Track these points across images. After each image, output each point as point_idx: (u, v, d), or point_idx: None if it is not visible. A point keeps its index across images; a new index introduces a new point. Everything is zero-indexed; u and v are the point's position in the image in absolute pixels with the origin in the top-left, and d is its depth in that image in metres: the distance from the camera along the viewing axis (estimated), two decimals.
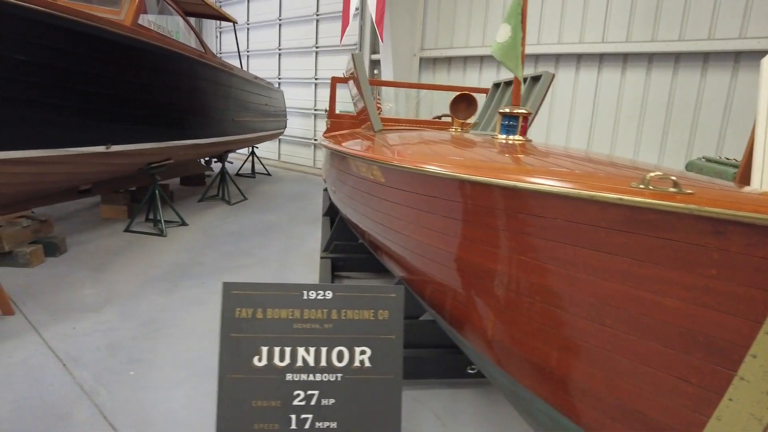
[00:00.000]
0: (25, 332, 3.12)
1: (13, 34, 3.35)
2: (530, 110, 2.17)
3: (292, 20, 11.90)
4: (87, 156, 4.25)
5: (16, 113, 3.56)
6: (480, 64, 8.91)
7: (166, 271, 4.36)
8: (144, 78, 4.61)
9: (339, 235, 4.38)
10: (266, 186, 9.29)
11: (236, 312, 1.79)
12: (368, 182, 2.19)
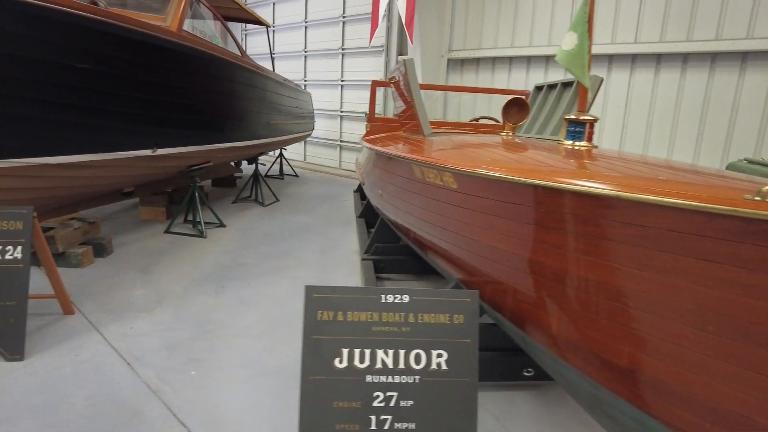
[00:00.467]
0: (86, 331, 3.22)
1: (72, 43, 3.46)
2: (597, 116, 2.18)
3: (318, 22, 11.99)
4: (135, 159, 4.36)
5: (72, 119, 3.67)
6: (509, 65, 8.89)
7: (211, 272, 4.45)
8: (188, 82, 4.71)
9: (380, 237, 4.43)
10: (295, 187, 9.39)
11: (318, 314, 1.83)
12: (433, 187, 2.23)
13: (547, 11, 8.18)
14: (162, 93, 4.38)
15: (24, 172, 3.50)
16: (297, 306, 3.77)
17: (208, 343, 3.16)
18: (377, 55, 10.75)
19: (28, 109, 3.37)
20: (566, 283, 1.66)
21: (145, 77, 4.12)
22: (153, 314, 3.52)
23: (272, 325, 3.45)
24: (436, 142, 3.05)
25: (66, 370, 2.76)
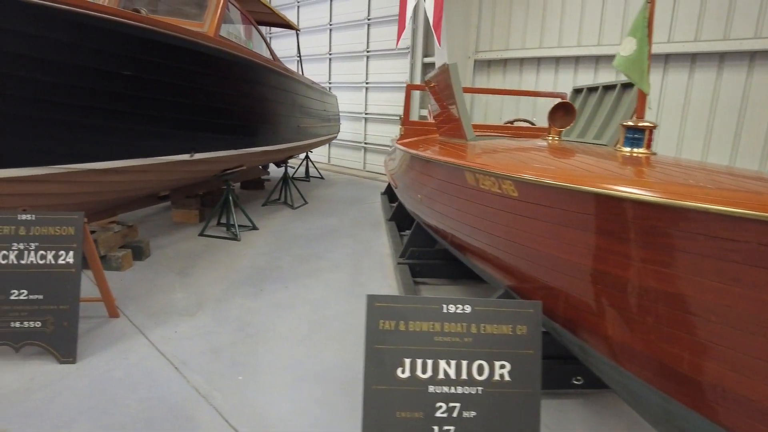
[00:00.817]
0: (132, 334, 3.27)
1: (116, 50, 3.52)
2: (656, 123, 2.13)
3: (342, 25, 12.03)
4: (173, 164, 4.41)
5: (115, 125, 3.73)
6: (537, 66, 8.81)
7: (248, 275, 4.48)
8: (224, 87, 4.76)
9: (415, 241, 4.41)
10: (322, 190, 9.42)
11: (380, 324, 1.83)
12: (489, 195, 2.21)
13: (576, 11, 8.08)
14: (200, 98, 4.43)
15: (71, 177, 3.58)
16: (334, 310, 3.79)
17: (250, 347, 3.18)
18: (402, 57, 10.74)
19: (75, 116, 3.44)
20: (634, 292, 1.63)
21: (184, 83, 4.17)
22: (195, 318, 3.56)
23: (312, 329, 3.46)
24: (481, 146, 3.03)
25: (117, 373, 2.80)
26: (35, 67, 3.12)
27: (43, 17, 3.02)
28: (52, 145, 3.39)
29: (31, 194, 3.43)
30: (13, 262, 2.94)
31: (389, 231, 5.87)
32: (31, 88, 3.15)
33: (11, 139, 3.18)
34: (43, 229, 2.98)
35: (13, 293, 2.90)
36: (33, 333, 2.89)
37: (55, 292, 2.93)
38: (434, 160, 2.75)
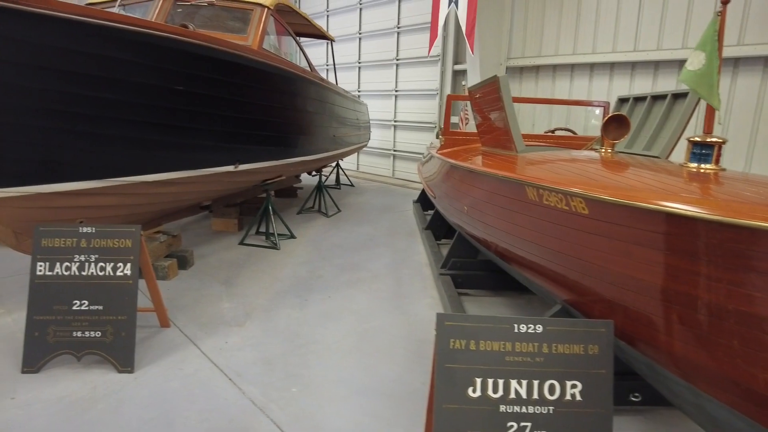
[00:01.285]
0: (185, 345, 3.32)
1: (167, 65, 3.60)
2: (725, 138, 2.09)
3: (372, 34, 12.10)
4: (219, 175, 4.49)
5: (166, 138, 3.82)
6: (570, 72, 8.72)
7: (291, 284, 4.52)
8: (267, 99, 4.83)
9: (457, 251, 4.40)
10: (353, 197, 9.47)
11: (450, 343, 1.82)
12: (554, 211, 2.19)
13: (611, 17, 7.98)
14: (244, 111, 4.50)
15: (125, 190, 3.67)
16: (380, 321, 3.79)
17: (301, 358, 3.20)
18: (432, 65, 10.75)
19: (130, 131, 3.53)
20: (716, 314, 1.60)
21: (230, 96, 4.25)
22: (243, 328, 3.61)
23: (360, 341, 3.47)
24: (533, 159, 3.01)
25: (174, 384, 2.86)
26: (93, 85, 3.22)
27: (102, 36, 3.11)
28: (107, 159, 3.48)
29: (88, 207, 3.53)
30: (74, 274, 3.02)
31: (425, 240, 5.86)
32: (89, 105, 3.25)
33: (70, 154, 3.28)
34: (102, 241, 3.06)
35: (75, 303, 2.99)
36: (93, 342, 2.97)
37: (113, 303, 3.00)
38: (490, 173, 2.74)
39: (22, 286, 4.29)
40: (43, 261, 3.02)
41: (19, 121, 2.96)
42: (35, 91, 2.97)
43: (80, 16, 2.96)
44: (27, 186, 3.11)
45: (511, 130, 3.23)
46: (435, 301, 4.22)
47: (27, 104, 2.96)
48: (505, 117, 3.21)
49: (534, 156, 3.09)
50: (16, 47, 2.80)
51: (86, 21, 3.01)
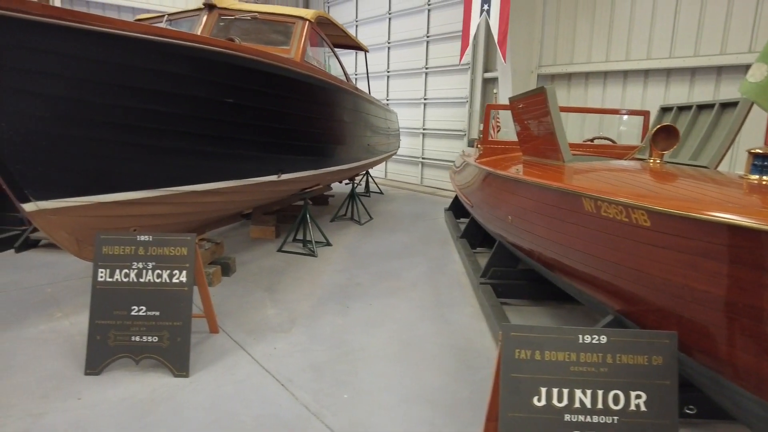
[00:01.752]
0: (234, 350, 3.41)
1: (216, 78, 3.72)
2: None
3: (401, 43, 12.20)
4: (263, 184, 4.61)
5: (215, 149, 3.94)
6: (603, 80, 8.66)
7: (331, 291, 4.59)
8: (308, 110, 4.93)
9: (497, 261, 4.41)
10: (383, 205, 9.53)
11: (516, 353, 1.85)
12: (612, 222, 2.21)
13: (646, 23, 7.91)
14: (287, 121, 4.61)
15: (175, 199, 3.79)
16: (423, 330, 3.82)
17: (349, 365, 3.25)
18: (461, 73, 10.80)
19: (181, 142, 3.65)
20: None
21: (274, 107, 4.36)
22: (290, 334, 3.68)
23: (405, 349, 3.50)
24: (582, 169, 3.02)
25: (227, 388, 2.94)
26: (148, 99, 3.35)
27: (156, 51, 3.23)
28: (160, 169, 3.61)
29: (141, 215, 3.66)
30: (133, 280, 3.14)
31: (461, 248, 5.87)
32: (144, 118, 3.38)
33: (127, 165, 3.42)
34: (159, 249, 3.18)
35: (134, 309, 3.11)
36: (151, 347, 3.07)
37: (169, 309, 3.11)
38: (543, 184, 2.77)
39: (75, 290, 4.46)
40: (104, 268, 3.15)
41: (83, 134, 3.10)
42: (96, 106, 3.11)
43: (137, 32, 3.09)
44: (90, 196, 3.25)
45: (558, 141, 3.24)
46: (476, 310, 4.24)
47: (90, 118, 3.10)
48: (552, 127, 3.23)
49: (583, 166, 3.10)
50: (76, 64, 2.93)
51: (142, 37, 3.14)
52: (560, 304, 4.37)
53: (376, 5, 12.84)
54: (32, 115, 2.82)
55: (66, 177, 3.11)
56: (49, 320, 3.82)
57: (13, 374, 3.04)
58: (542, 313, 4.20)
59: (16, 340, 3.49)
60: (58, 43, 2.78)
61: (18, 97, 2.74)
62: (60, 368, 3.12)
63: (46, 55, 2.76)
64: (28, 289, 4.51)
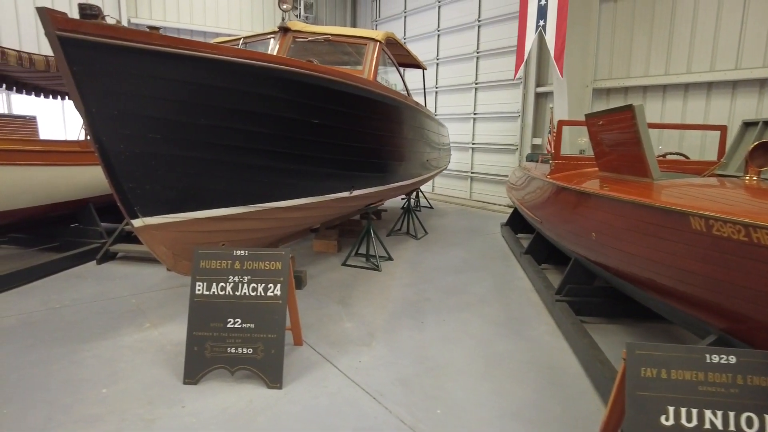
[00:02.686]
0: (321, 363, 3.49)
1: (303, 99, 3.86)
2: None
3: (450, 59, 12.30)
4: (336, 201, 4.73)
5: (297, 167, 4.08)
6: (663, 93, 8.50)
7: (402, 306, 4.65)
8: (379, 128, 5.04)
9: (572, 278, 4.38)
10: (435, 219, 9.56)
11: (641, 371, 1.85)
12: (722, 241, 2.19)
13: (709, 34, 7.74)
14: (360, 139, 4.73)
15: (261, 215, 3.94)
16: (502, 347, 3.82)
17: (436, 380, 3.28)
18: (511, 88, 10.80)
19: (267, 160, 3.80)
20: None
21: (351, 126, 4.48)
22: (371, 348, 3.74)
23: (489, 366, 3.51)
24: (676, 187, 2.99)
25: (322, 401, 3.01)
26: (241, 119, 3.51)
27: (245, 73, 3.37)
28: (249, 186, 3.77)
29: (230, 230, 3.82)
30: (229, 294, 3.27)
31: (525, 264, 5.84)
32: (237, 138, 3.54)
33: (220, 183, 3.58)
34: (254, 263, 3.31)
35: (230, 321, 3.23)
36: (246, 359, 3.19)
37: (264, 322, 3.22)
38: (644, 203, 2.75)
39: (157, 301, 4.67)
40: (202, 281, 3.30)
41: (184, 153, 3.28)
42: (198, 127, 3.28)
43: (229, 56, 3.25)
44: (187, 212, 3.42)
45: (647, 158, 3.23)
46: (551, 328, 4.21)
47: (191, 138, 3.28)
48: (640, 144, 3.22)
49: (676, 183, 3.07)
50: (182, 88, 3.12)
51: (242, 61, 3.30)
52: (637, 322, 4.30)
53: (425, 22, 13.01)
54: (144, 137, 3.01)
55: (168, 194, 3.29)
56: (139, 330, 4.01)
57: (119, 380, 3.20)
58: (620, 331, 4.13)
59: (115, 348, 3.68)
60: (168, 69, 2.97)
61: (134, 120, 2.93)
62: (160, 376, 3.27)
63: (158, 80, 2.95)
64: (114, 299, 4.74)
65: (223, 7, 12.99)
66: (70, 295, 4.83)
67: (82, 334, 3.91)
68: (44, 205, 5.74)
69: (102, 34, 2.61)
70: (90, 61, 2.64)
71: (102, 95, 2.76)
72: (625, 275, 3.37)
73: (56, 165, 5.65)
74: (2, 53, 5.01)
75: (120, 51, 2.70)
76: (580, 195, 3.83)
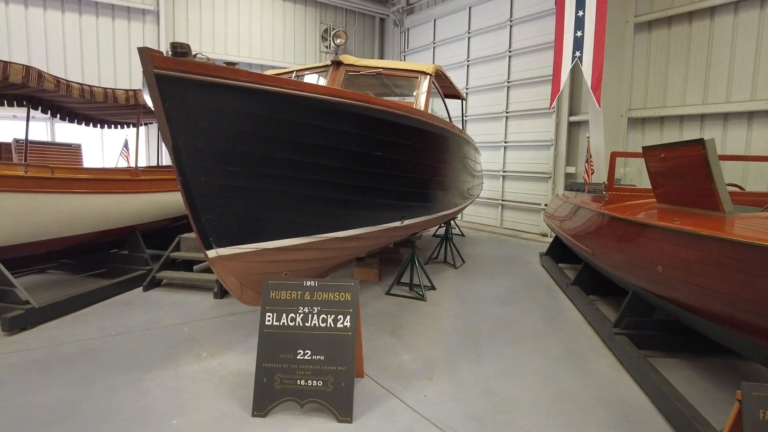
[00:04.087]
0: (386, 396, 3.45)
1: (362, 131, 3.91)
2: None
3: (479, 89, 12.41)
4: (388, 230, 4.74)
5: (355, 198, 4.11)
6: (700, 122, 8.45)
7: (456, 338, 4.60)
8: (430, 158, 5.08)
9: (632, 311, 4.31)
10: (470, 248, 9.51)
11: (760, 414, 1.80)
12: None
13: (749, 61, 7.71)
14: (412, 169, 4.76)
15: (322, 245, 3.97)
16: (566, 381, 3.74)
17: (507, 416, 3.22)
18: (542, 117, 10.85)
19: (332, 192, 3.84)
20: None
21: (403, 156, 4.52)
22: (433, 382, 3.69)
23: (557, 401, 3.43)
24: (753, 220, 2.96)
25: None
26: (310, 152, 3.56)
27: (307, 106, 3.39)
28: (313, 217, 3.80)
29: (293, 260, 3.84)
30: (299, 324, 3.27)
31: (573, 296, 5.76)
32: (304, 170, 3.59)
33: (287, 214, 3.62)
34: (324, 294, 3.31)
35: (299, 353, 3.22)
36: (316, 391, 3.16)
37: (334, 354, 3.20)
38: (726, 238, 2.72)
39: (209, 330, 4.69)
40: (271, 312, 3.30)
41: (257, 185, 3.33)
42: (270, 160, 3.33)
43: (313, 92, 3.33)
44: (256, 243, 3.46)
45: (718, 192, 3.20)
46: (612, 362, 4.12)
47: (263, 171, 3.33)
48: (711, 179, 3.19)
49: (752, 216, 3.03)
50: (254, 121, 3.18)
51: (316, 97, 3.37)
52: (698, 356, 4.19)
53: (455, 53, 13.20)
54: (225, 170, 3.07)
55: (241, 225, 3.34)
56: (197, 360, 4.02)
57: (187, 411, 3.20)
58: (682, 366, 4.03)
59: (177, 377, 3.68)
60: (252, 104, 3.04)
61: (216, 153, 3.00)
62: (227, 408, 3.25)
63: (241, 115, 3.03)
64: (166, 327, 4.77)
65: (257, 39, 13.34)
66: (123, 323, 4.87)
67: (142, 362, 3.93)
68: (96, 231, 5.85)
69: (195, 71, 2.70)
70: (181, 96, 2.72)
71: (189, 129, 2.83)
72: (698, 310, 3.30)
73: (109, 193, 5.77)
74: (67, 86, 5.20)
75: (210, 87, 2.79)
76: (644, 227, 3.79)
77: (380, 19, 15.93)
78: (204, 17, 12.45)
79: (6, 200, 4.62)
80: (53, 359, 3.97)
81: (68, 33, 10.77)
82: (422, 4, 14.59)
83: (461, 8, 12.94)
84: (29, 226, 4.97)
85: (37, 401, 3.28)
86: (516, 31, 11.50)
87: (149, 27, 11.75)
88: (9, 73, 4.61)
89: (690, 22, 8.52)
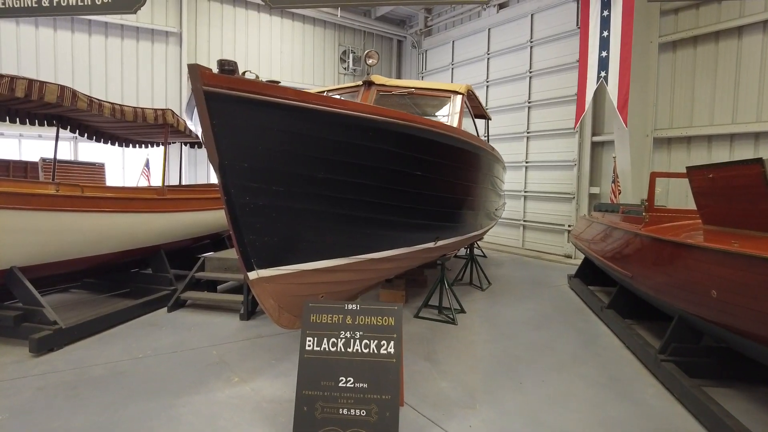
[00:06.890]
0: (429, 427, 3.29)
1: (402, 150, 3.81)
2: None
3: (499, 108, 12.36)
4: (421, 251, 4.62)
5: (392, 218, 4.00)
6: (730, 142, 8.30)
7: (493, 363, 4.44)
8: (463, 178, 4.98)
9: (678, 336, 4.13)
10: (494, 269, 9.34)
11: None
12: None
13: None
14: (449, 190, 4.66)
15: (359, 266, 3.86)
16: (615, 411, 3.58)
17: None
18: (563, 137, 10.76)
19: (371, 213, 3.74)
20: None
21: (438, 176, 4.42)
22: (476, 411, 3.53)
23: (607, 428, 3.26)
24: None
25: None
26: (350, 172, 3.46)
27: (347, 125, 3.30)
28: (352, 238, 3.70)
29: (330, 282, 3.73)
30: (341, 350, 3.15)
31: (609, 320, 5.58)
32: (345, 190, 3.49)
33: (327, 235, 3.52)
34: (366, 318, 3.20)
35: (341, 380, 3.09)
36: (359, 421, 3.02)
37: (378, 382, 3.07)
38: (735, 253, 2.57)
39: (238, 353, 4.58)
40: (312, 336, 3.19)
41: (299, 206, 3.24)
42: (311, 179, 3.25)
43: (358, 111, 3.26)
44: (295, 264, 3.36)
45: None
46: (659, 390, 3.93)
47: (305, 191, 3.25)
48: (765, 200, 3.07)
49: None
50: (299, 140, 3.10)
51: (347, 113, 3.26)
52: (752, 386, 3.99)
53: (473, 74, 13.20)
54: (269, 190, 2.99)
55: (282, 246, 3.24)
56: (229, 385, 3.89)
57: None
58: (737, 396, 3.83)
59: (209, 403, 3.56)
60: (299, 122, 2.97)
61: (261, 173, 2.92)
62: None
63: (287, 134, 2.96)
64: (194, 350, 4.66)
65: (276, 60, 13.47)
66: (150, 344, 4.77)
67: (172, 387, 3.82)
68: (122, 251, 5.80)
69: (245, 89, 2.64)
70: (230, 114, 2.66)
71: (236, 148, 2.76)
72: (758, 336, 3.13)
73: (137, 212, 5.73)
74: (99, 105, 5.20)
75: (259, 105, 2.72)
76: (695, 250, 3.64)
77: (398, 41, 16.04)
78: (225, 39, 12.61)
79: (37, 219, 4.59)
80: (82, 382, 3.87)
81: (94, 54, 10.95)
82: (440, 26, 14.68)
83: (480, 30, 12.98)
84: (58, 244, 4.93)
85: (69, 427, 3.17)
86: (537, 51, 11.48)
87: (172, 48, 11.91)
88: (45, 93, 4.62)
89: (716, 41, 8.44)
